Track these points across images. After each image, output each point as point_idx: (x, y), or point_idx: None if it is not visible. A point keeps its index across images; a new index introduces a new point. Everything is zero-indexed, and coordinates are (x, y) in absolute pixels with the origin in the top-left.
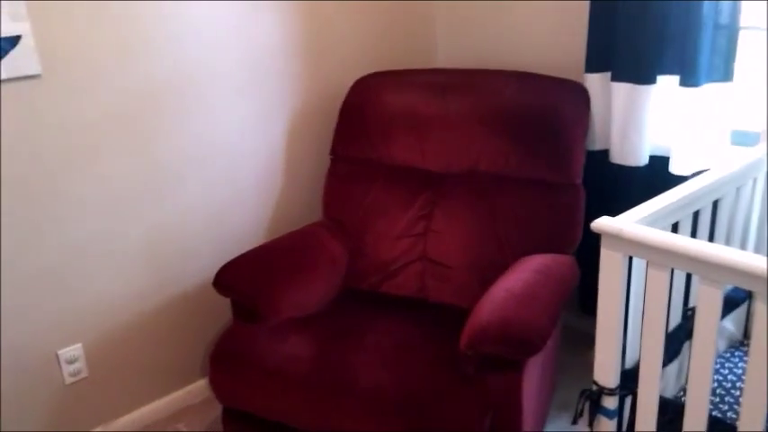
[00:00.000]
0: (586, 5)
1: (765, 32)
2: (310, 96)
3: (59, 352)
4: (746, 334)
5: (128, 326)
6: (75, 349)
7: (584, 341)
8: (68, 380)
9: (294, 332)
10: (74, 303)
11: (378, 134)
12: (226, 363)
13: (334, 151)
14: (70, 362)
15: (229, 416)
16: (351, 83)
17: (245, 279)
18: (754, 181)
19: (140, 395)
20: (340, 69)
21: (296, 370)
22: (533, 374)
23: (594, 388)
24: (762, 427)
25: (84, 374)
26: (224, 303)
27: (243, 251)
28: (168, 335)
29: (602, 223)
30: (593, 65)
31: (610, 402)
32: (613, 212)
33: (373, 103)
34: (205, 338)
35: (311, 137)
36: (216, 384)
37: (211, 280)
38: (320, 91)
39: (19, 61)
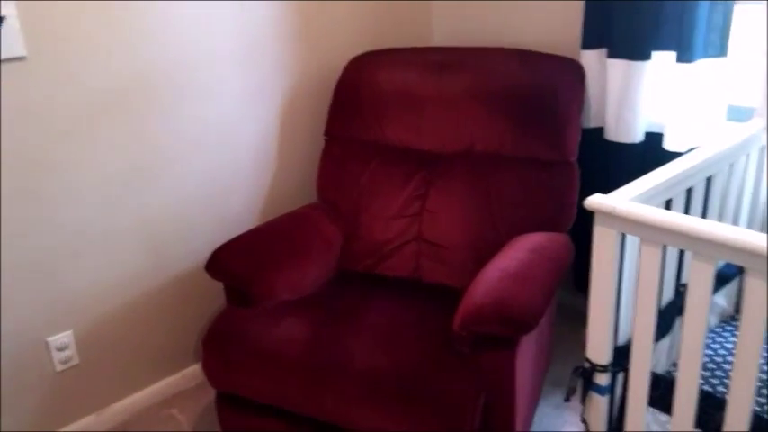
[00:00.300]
0: None
1: (765, 6)
2: (304, 76)
3: (49, 339)
4: (737, 309)
5: (120, 311)
6: (65, 336)
7: (579, 319)
8: (59, 367)
9: (288, 315)
10: (64, 290)
11: (372, 114)
12: (219, 346)
13: (328, 132)
14: (60, 349)
15: (223, 400)
16: (345, 62)
17: (238, 263)
18: (747, 157)
19: (133, 381)
20: (334, 48)
21: (290, 352)
22: (527, 352)
23: (587, 365)
24: (751, 398)
25: (74, 361)
26: (218, 287)
27: (237, 234)
28: (161, 319)
29: (596, 201)
30: (588, 41)
31: (602, 379)
32: (609, 190)
33: (368, 83)
34: (199, 322)
35: (305, 118)
36: (209, 368)
37: (205, 264)
38: (314, 71)
39: (4, 43)
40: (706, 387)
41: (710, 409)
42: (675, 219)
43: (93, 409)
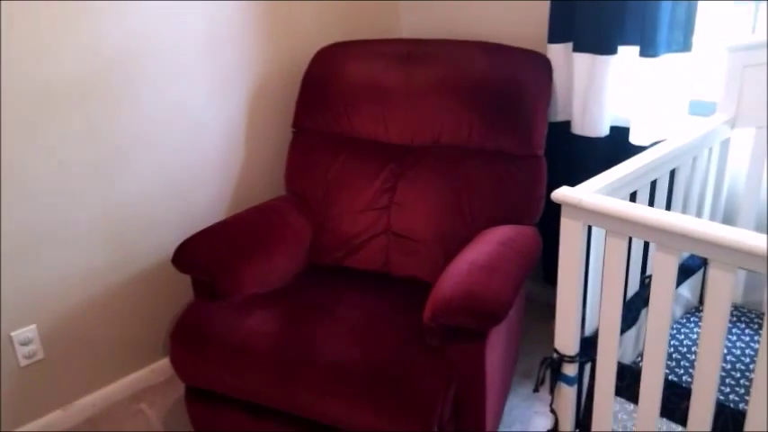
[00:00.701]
0: None
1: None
2: (271, 67)
3: (12, 334)
4: (701, 300)
5: (86, 305)
6: (29, 331)
7: (548, 311)
8: (23, 362)
9: (257, 308)
10: (27, 284)
11: (340, 106)
12: (187, 340)
13: (296, 124)
14: (24, 344)
15: (192, 394)
16: (312, 53)
17: (205, 255)
18: (710, 150)
19: (100, 376)
20: (302, 40)
21: (260, 346)
22: (497, 344)
23: (555, 356)
24: (714, 387)
25: (39, 356)
26: (185, 280)
27: (205, 226)
28: (128, 313)
29: (562, 193)
30: (555, 35)
31: (570, 369)
32: (575, 183)
33: (336, 75)
34: (167, 316)
35: (273, 109)
36: (177, 362)
37: (171, 257)
38: (281, 62)
39: None
40: (672, 377)
41: (676, 398)
42: (640, 211)
43: (59, 405)
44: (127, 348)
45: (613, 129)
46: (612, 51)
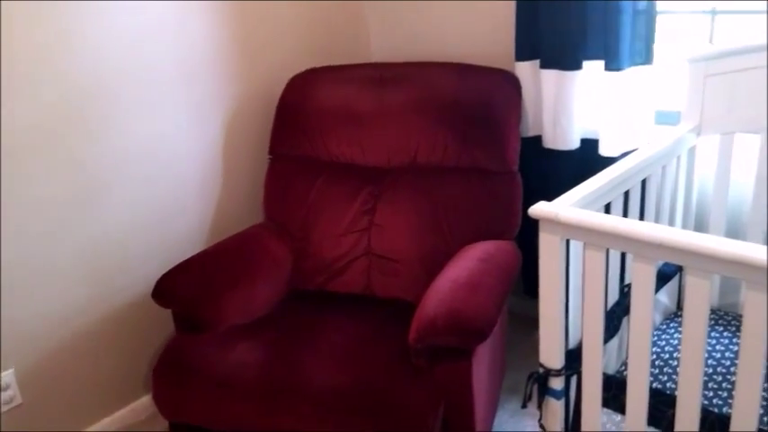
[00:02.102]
0: None
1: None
2: (246, 95)
3: None
4: (679, 305)
5: (64, 345)
6: (6, 375)
7: (530, 323)
8: (3, 408)
9: (240, 339)
10: (4, 326)
11: (316, 131)
12: (169, 376)
13: (272, 150)
14: (2, 389)
15: (176, 431)
16: (286, 80)
17: (185, 288)
18: (678, 159)
19: (81, 417)
20: (275, 67)
21: (245, 377)
22: (483, 361)
23: (541, 370)
24: (699, 393)
25: (17, 401)
26: (166, 314)
27: (184, 258)
28: (108, 351)
29: (539, 208)
30: (522, 53)
31: (556, 383)
32: (550, 196)
33: (310, 100)
34: (148, 352)
35: (249, 136)
36: (160, 399)
37: (151, 291)
38: (255, 89)
39: None
40: (656, 384)
41: (662, 406)
42: (615, 222)
43: None
44: (107, 387)
45: (583, 141)
46: (578, 67)
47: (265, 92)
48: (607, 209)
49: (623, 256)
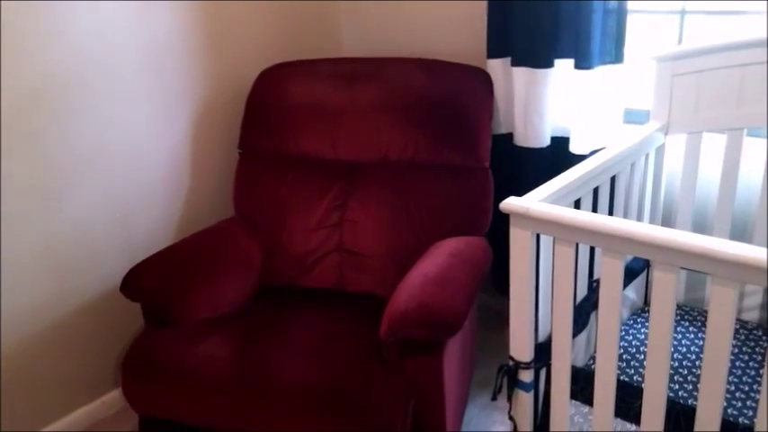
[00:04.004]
0: None
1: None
2: (214, 89)
3: None
4: (646, 300)
5: (29, 341)
6: None
7: (501, 320)
8: None
9: (210, 333)
10: None
11: (286, 126)
12: (138, 369)
13: (242, 145)
14: None
15: (147, 425)
16: (255, 74)
17: (154, 282)
18: (647, 156)
19: (49, 412)
20: (243, 61)
21: (214, 371)
22: (453, 356)
23: (511, 363)
24: (665, 387)
25: None
26: (134, 308)
27: (153, 252)
28: (75, 346)
29: (510, 203)
30: (493, 51)
31: (526, 376)
32: (521, 194)
33: (280, 95)
34: (117, 347)
35: (218, 131)
36: (129, 393)
37: (119, 285)
38: (224, 84)
39: None
40: (623, 377)
41: (629, 397)
42: (584, 217)
43: None
44: (75, 382)
45: (554, 139)
46: (549, 65)
47: (235, 86)
48: (577, 205)
49: (592, 253)
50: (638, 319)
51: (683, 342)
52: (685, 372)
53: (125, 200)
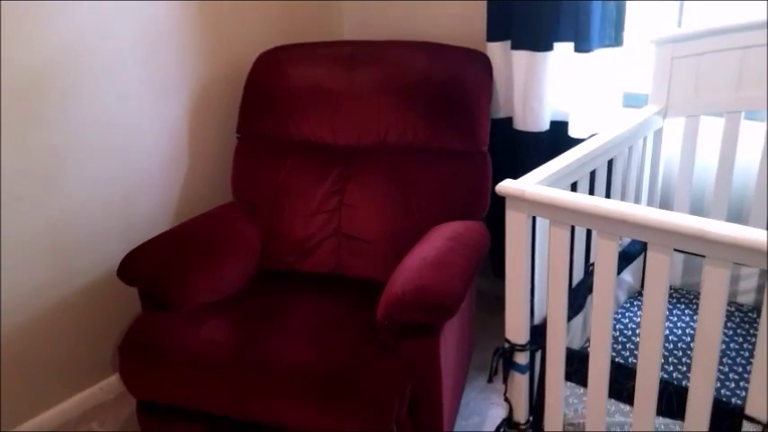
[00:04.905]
0: None
1: None
2: (212, 73)
3: None
4: (643, 284)
5: (27, 325)
6: None
7: (499, 304)
8: None
9: (208, 317)
10: None
11: (285, 110)
12: (136, 353)
13: (240, 129)
14: None
15: (145, 409)
16: (254, 58)
17: (152, 266)
18: (644, 140)
19: (47, 396)
20: (243, 44)
21: (213, 354)
22: (450, 339)
23: (506, 345)
24: (658, 367)
25: None
26: (132, 293)
27: (150, 237)
28: (73, 331)
29: (506, 185)
30: (493, 34)
31: (521, 358)
32: (519, 178)
33: (279, 78)
34: (114, 331)
35: (216, 115)
36: (127, 377)
37: (116, 269)
38: (222, 67)
39: None
40: (618, 359)
41: (623, 378)
42: (581, 199)
43: (5, 428)
44: (73, 367)
45: (553, 123)
46: (549, 48)
47: (233, 69)
48: (574, 188)
49: (589, 237)
50: (635, 303)
51: (679, 325)
52: (680, 354)
53: (123, 183)
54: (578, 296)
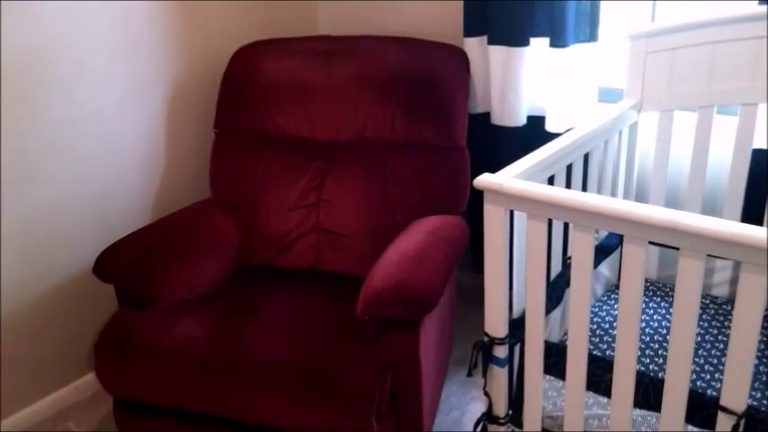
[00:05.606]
0: None
1: None
2: (189, 68)
3: None
4: (620, 277)
5: (2, 324)
6: None
7: (479, 299)
8: None
9: (186, 313)
10: None
11: (262, 105)
12: (112, 350)
13: (218, 124)
14: None
15: (121, 407)
16: (231, 53)
17: (127, 263)
18: (620, 134)
19: (22, 396)
20: (219, 39)
21: (190, 351)
22: (430, 334)
23: (486, 339)
24: (634, 358)
25: None
26: (108, 290)
27: (126, 234)
28: (48, 329)
29: (484, 179)
30: (470, 29)
31: (500, 351)
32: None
33: (256, 73)
34: (90, 329)
35: (193, 110)
36: (103, 375)
37: (92, 266)
38: (199, 62)
39: None
40: (596, 352)
41: (600, 371)
42: (557, 193)
43: None
44: (49, 366)
45: (530, 118)
46: (525, 43)
47: (210, 65)
48: (551, 182)
49: (566, 231)
50: (612, 296)
51: (655, 317)
52: (656, 346)
53: (99, 179)
54: (556, 289)
